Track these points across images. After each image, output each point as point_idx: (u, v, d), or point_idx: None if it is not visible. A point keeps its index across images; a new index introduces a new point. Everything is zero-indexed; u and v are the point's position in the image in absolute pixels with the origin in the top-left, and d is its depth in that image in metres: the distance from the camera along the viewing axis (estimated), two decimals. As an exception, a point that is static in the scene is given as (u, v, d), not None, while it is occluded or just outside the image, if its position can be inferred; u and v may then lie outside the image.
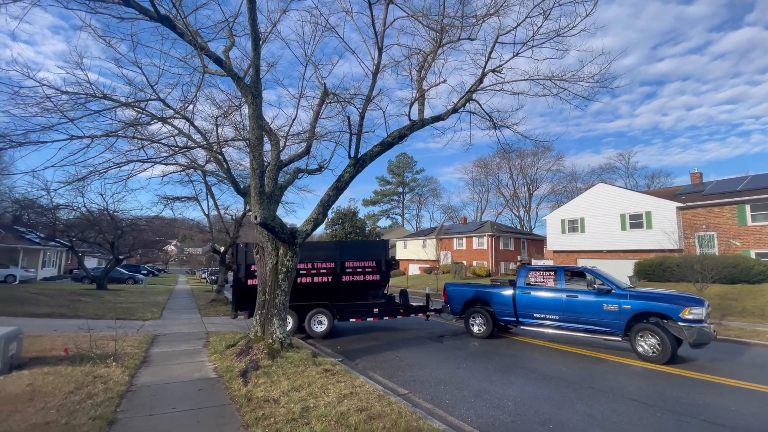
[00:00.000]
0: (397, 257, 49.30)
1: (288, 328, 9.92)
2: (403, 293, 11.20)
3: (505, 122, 8.50)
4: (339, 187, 7.87)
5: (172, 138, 9.89)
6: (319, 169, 10.75)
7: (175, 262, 72.29)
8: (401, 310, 10.64)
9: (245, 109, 10.43)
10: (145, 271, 35.54)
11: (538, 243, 41.30)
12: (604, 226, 26.15)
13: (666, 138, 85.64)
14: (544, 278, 9.29)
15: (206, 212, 19.31)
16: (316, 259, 10.63)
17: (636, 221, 24.62)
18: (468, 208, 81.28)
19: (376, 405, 4.65)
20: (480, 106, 8.42)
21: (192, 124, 8.91)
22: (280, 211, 10.06)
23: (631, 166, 56.49)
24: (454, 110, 7.80)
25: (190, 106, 9.30)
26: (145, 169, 9.73)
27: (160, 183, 71.68)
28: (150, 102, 8.53)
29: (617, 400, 5.53)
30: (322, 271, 10.60)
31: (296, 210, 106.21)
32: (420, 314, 11.07)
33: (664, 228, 22.34)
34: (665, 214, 23.07)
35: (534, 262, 33.39)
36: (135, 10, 5.46)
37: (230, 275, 17.05)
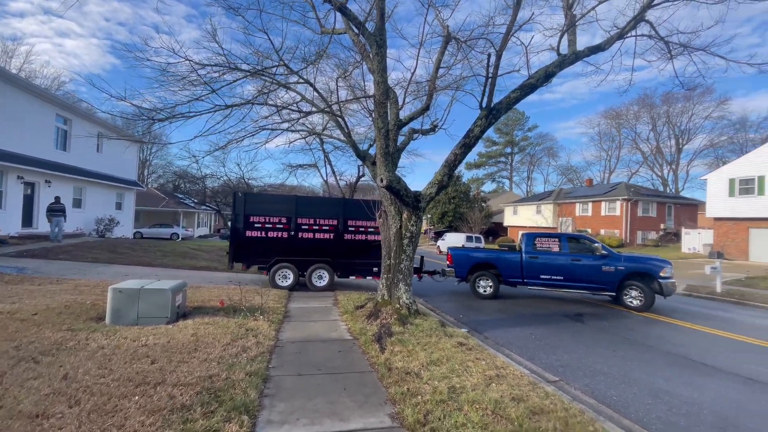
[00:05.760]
0: (505, 224, 46.52)
1: (288, 283, 9.90)
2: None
3: (690, 44, 6.41)
4: (467, 144, 7.01)
5: (295, 105, 10.16)
6: (433, 129, 9.99)
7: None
8: None
9: (364, 68, 10.09)
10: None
11: (689, 208, 34.28)
12: (798, 186, 20.06)
13: None
14: (549, 244, 10.63)
15: (325, 178, 20.34)
16: (319, 215, 10.50)
17: None
18: (592, 168, 71.91)
19: (532, 395, 3.97)
20: (653, 27, 6.47)
21: (313, 87, 8.86)
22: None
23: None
24: (620, 35, 6.09)
25: (312, 70, 9.28)
26: (274, 137, 10.24)
27: (284, 152, 79.21)
28: (276, 69, 8.69)
29: None
30: (324, 227, 10.49)
31: (406, 175, 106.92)
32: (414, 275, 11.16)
33: None
34: None
35: (684, 231, 27.79)
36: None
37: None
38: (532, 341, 6.72)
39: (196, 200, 32.90)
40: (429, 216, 46.67)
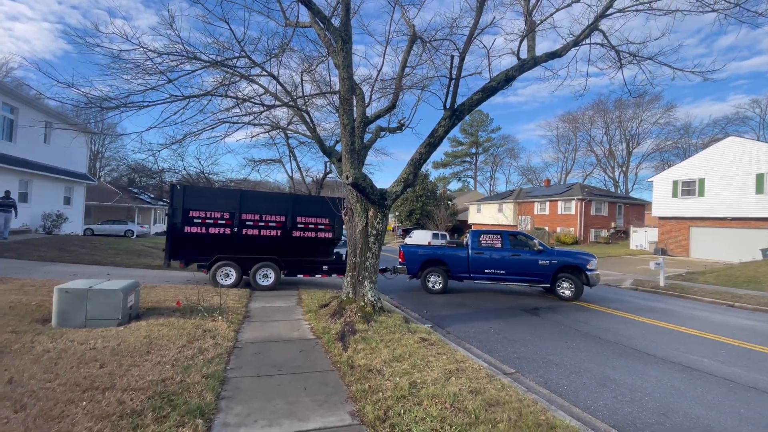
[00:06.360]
0: (469, 221, 47.71)
1: (230, 282, 9.43)
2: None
3: (639, 53, 6.84)
4: (432, 143, 7.12)
5: (258, 98, 9.87)
6: (400, 128, 10.05)
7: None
8: None
9: (330, 63, 9.97)
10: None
11: (637, 208, 36.63)
12: (731, 188, 21.94)
13: (818, 79, 68.15)
14: (492, 241, 11.17)
15: (290, 174, 19.92)
16: (266, 211, 10.13)
17: (778, 183, 20.23)
18: (550, 169, 75.12)
19: (489, 387, 4.11)
20: (605, 36, 6.85)
21: (277, 80, 8.66)
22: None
23: (768, 116, 46.21)
24: (576, 43, 6.40)
25: (275, 63, 9.05)
26: (235, 131, 9.90)
27: (247, 146, 76.78)
28: (238, 60, 8.40)
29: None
30: (271, 224, 10.17)
31: (373, 173, 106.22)
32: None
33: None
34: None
35: (632, 229, 29.68)
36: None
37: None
38: (491, 335, 6.96)
39: (152, 195, 31.19)
40: (397, 213, 47.01)
